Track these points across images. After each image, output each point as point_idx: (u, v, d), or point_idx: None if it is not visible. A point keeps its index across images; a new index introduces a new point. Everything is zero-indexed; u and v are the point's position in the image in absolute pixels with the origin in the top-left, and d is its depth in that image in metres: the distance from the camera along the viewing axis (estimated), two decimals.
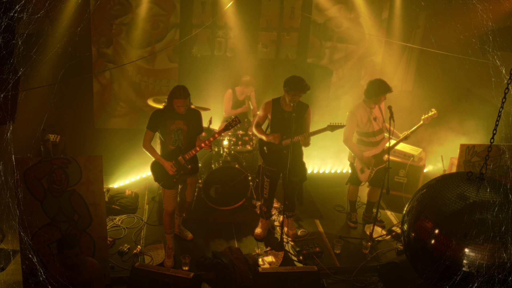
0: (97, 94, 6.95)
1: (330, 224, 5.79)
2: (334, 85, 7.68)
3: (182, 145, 4.61)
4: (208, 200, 5.75)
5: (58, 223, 4.27)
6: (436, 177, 2.65)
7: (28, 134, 4.85)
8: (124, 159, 6.37)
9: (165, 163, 4.58)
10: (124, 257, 4.94)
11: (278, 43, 7.33)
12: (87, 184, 4.23)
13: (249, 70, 6.74)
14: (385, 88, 5.05)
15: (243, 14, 6.83)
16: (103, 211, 4.36)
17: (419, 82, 7.84)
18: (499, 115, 2.51)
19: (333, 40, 7.47)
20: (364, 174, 5.40)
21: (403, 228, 2.61)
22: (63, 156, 4.60)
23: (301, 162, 5.18)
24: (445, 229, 2.31)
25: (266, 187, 5.25)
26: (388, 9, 7.41)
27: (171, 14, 6.76)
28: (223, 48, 7.14)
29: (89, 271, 3.82)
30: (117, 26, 6.64)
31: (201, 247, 5.20)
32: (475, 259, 2.23)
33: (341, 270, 4.98)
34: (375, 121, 5.22)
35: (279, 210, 5.84)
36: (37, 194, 4.15)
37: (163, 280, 4.19)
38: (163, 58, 6.98)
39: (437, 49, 6.05)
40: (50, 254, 4.30)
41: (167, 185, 4.69)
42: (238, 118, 4.73)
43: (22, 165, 4.05)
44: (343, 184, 5.87)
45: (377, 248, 5.30)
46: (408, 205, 2.63)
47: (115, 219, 5.55)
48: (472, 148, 5.01)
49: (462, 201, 2.33)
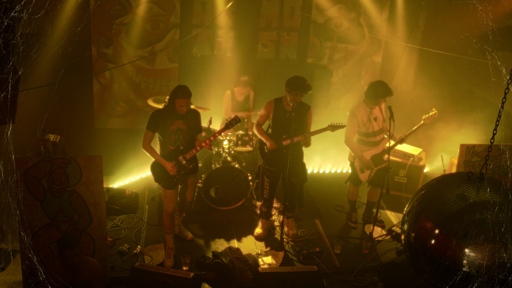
0: (97, 94, 6.95)
1: (330, 224, 5.79)
2: (334, 85, 7.68)
3: (182, 145, 4.61)
4: (208, 200, 5.75)
5: (58, 223, 4.27)
6: (436, 177, 2.65)
7: (28, 134, 4.85)
8: (124, 159, 6.37)
9: (165, 164, 4.57)
10: (124, 257, 4.94)
11: (278, 43, 7.33)
12: (87, 184, 4.23)
13: (249, 70, 6.74)
14: (386, 92, 5.04)
15: (243, 14, 6.84)
16: (103, 211, 4.36)
17: (419, 82, 7.84)
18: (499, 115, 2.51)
19: (333, 40, 7.47)
20: (364, 174, 5.40)
21: (403, 228, 2.61)
22: (63, 156, 4.61)
23: (301, 163, 5.18)
24: (445, 229, 2.31)
25: (266, 187, 5.25)
26: (388, 9, 7.41)
27: (171, 14, 6.76)
28: (223, 48, 7.14)
29: (89, 271, 3.82)
30: (117, 26, 6.64)
31: (201, 247, 5.20)
32: (475, 259, 2.24)
33: (341, 270, 4.98)
34: (375, 121, 5.22)
35: (279, 210, 5.84)
36: (37, 194, 4.15)
37: (163, 280, 4.19)
38: (163, 58, 6.98)
39: (437, 49, 6.05)
40: (50, 254, 4.30)
41: (168, 185, 4.68)
42: (238, 117, 4.73)
43: (22, 165, 4.06)
44: (343, 184, 5.87)
45: (377, 248, 5.30)
46: (408, 205, 2.63)
47: (115, 219, 5.55)
48: (472, 148, 5.01)
49: (462, 201, 2.33)
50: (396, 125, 5.03)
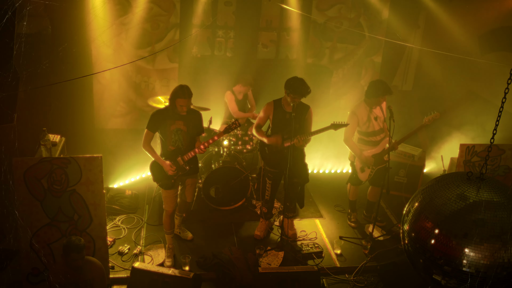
0: (97, 94, 6.94)
1: (330, 224, 5.79)
2: (334, 85, 7.69)
3: (182, 146, 4.60)
4: (208, 200, 5.75)
5: (58, 223, 4.27)
6: (436, 177, 2.65)
7: (28, 134, 4.85)
8: (124, 159, 6.37)
9: (163, 163, 4.57)
10: (124, 257, 4.94)
11: (278, 43, 7.33)
12: (87, 184, 4.23)
13: (249, 70, 6.74)
14: (385, 90, 5.04)
15: (243, 14, 6.83)
16: (103, 211, 4.36)
17: (419, 82, 7.84)
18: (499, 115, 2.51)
19: (333, 40, 7.47)
20: (364, 173, 5.40)
21: (403, 228, 2.61)
22: (63, 156, 4.61)
23: (302, 164, 5.17)
24: (445, 229, 2.31)
25: (268, 188, 5.23)
26: (388, 9, 7.41)
27: (171, 14, 6.76)
28: (223, 48, 7.14)
29: (92, 271, 3.83)
30: (117, 26, 6.64)
31: (201, 247, 5.20)
32: (475, 259, 2.23)
33: (341, 270, 4.98)
34: (375, 121, 5.22)
35: (279, 210, 5.84)
36: (37, 194, 4.15)
37: (163, 280, 4.18)
38: (163, 58, 6.98)
39: (437, 49, 6.05)
40: (50, 254, 4.31)
41: (166, 185, 4.68)
42: (238, 121, 4.70)
43: (22, 165, 4.06)
44: (343, 184, 5.87)
45: (377, 248, 5.30)
46: (408, 205, 2.62)
47: (115, 219, 5.55)
48: (472, 148, 5.02)
49: (462, 201, 2.33)
50: (396, 125, 5.03)
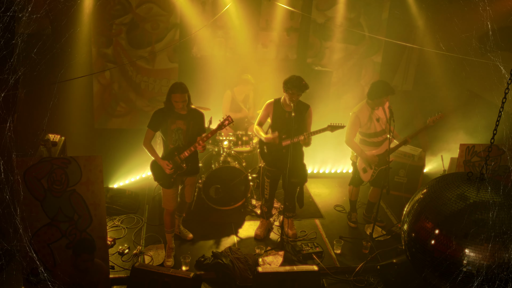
0: (97, 94, 6.94)
1: (330, 224, 5.79)
2: (334, 85, 7.68)
3: (182, 145, 4.62)
4: (208, 200, 5.75)
5: (58, 223, 4.27)
6: (436, 177, 2.65)
7: (28, 134, 4.85)
8: (124, 159, 6.37)
9: (161, 162, 4.59)
10: (124, 257, 4.94)
11: (278, 43, 7.32)
12: (87, 184, 4.23)
13: (249, 70, 6.74)
14: (387, 90, 5.04)
15: (243, 14, 6.83)
16: (103, 211, 4.36)
17: (419, 82, 7.83)
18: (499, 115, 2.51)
19: (333, 40, 7.47)
20: (366, 173, 5.39)
21: (403, 228, 2.61)
22: (63, 156, 4.61)
23: (301, 164, 5.17)
24: (445, 229, 2.31)
25: (267, 187, 5.25)
26: (388, 9, 7.41)
27: (171, 14, 6.76)
28: (223, 48, 7.13)
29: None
30: (117, 26, 6.63)
31: (201, 247, 5.20)
32: (475, 259, 2.23)
33: (341, 270, 4.98)
34: (378, 122, 5.22)
35: (279, 210, 5.84)
36: (37, 194, 4.15)
37: (163, 280, 4.18)
38: (163, 58, 6.97)
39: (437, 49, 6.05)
40: (50, 254, 4.30)
41: (165, 184, 4.70)
42: (231, 117, 4.72)
43: (22, 165, 4.05)
44: (343, 184, 5.87)
45: (377, 248, 5.30)
46: (408, 205, 2.63)
47: (115, 219, 5.55)
48: (472, 148, 5.01)
49: (462, 201, 2.33)
50: (396, 125, 5.04)
